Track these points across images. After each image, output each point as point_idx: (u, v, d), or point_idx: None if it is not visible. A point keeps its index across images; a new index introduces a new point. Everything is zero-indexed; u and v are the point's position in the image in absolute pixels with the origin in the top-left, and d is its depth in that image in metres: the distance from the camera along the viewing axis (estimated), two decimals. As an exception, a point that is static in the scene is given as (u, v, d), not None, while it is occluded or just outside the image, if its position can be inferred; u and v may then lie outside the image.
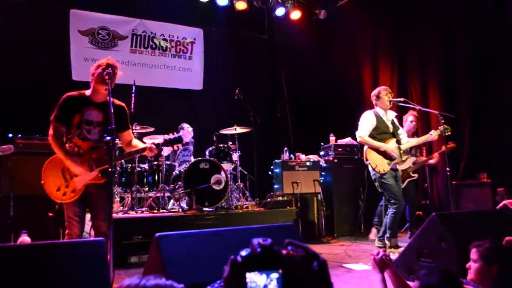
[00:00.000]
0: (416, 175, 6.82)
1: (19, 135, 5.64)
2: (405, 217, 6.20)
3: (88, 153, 3.29)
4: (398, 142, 5.02)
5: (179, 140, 3.43)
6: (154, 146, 3.37)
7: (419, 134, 5.34)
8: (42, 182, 3.34)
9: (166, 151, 6.44)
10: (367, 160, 4.99)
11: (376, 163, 4.90)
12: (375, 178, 4.96)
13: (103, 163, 3.24)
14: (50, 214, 5.31)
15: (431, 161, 6.79)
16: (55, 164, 3.31)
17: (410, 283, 2.37)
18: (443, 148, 6.36)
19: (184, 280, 2.13)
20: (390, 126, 5.07)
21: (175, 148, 3.51)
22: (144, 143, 3.82)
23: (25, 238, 4.65)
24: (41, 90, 6.75)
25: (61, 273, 2.05)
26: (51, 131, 3.32)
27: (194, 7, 8.40)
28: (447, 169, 4.72)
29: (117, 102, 3.51)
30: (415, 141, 5.18)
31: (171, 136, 3.44)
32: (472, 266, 2.40)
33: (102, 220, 3.33)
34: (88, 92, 3.44)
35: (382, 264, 2.38)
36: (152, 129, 6.35)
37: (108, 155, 2.94)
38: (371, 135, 4.98)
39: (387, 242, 4.90)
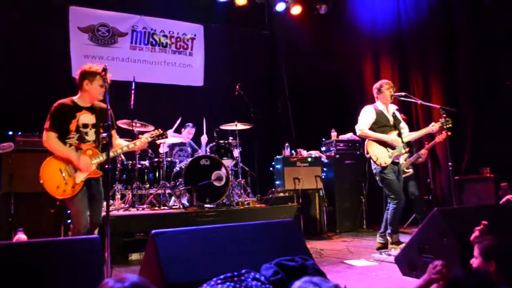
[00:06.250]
0: (411, 171, 6.75)
1: (19, 133, 5.62)
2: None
3: (85, 152, 3.57)
4: (400, 135, 4.98)
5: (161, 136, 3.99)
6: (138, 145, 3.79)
7: (421, 128, 5.29)
8: (41, 181, 3.48)
9: (163, 148, 6.43)
10: (368, 153, 4.95)
11: (377, 156, 4.85)
12: (376, 172, 4.92)
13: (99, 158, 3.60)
14: (52, 210, 5.33)
15: (420, 160, 6.72)
16: (52, 165, 3.50)
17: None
18: (432, 142, 6.32)
19: (180, 277, 2.11)
20: (391, 119, 5.02)
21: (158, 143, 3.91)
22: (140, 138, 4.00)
23: (21, 236, 4.63)
24: (41, 87, 6.74)
25: (55, 270, 2.03)
26: (45, 137, 3.53)
27: (194, 3, 8.40)
28: (449, 163, 4.66)
29: (102, 104, 3.75)
30: (416, 133, 5.13)
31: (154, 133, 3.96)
32: (474, 262, 2.37)
33: (93, 216, 3.60)
34: (76, 98, 3.67)
35: (433, 278, 2.21)
36: (152, 127, 6.32)
37: (106, 150, 3.13)
38: (371, 129, 4.93)
39: (388, 238, 4.86)
